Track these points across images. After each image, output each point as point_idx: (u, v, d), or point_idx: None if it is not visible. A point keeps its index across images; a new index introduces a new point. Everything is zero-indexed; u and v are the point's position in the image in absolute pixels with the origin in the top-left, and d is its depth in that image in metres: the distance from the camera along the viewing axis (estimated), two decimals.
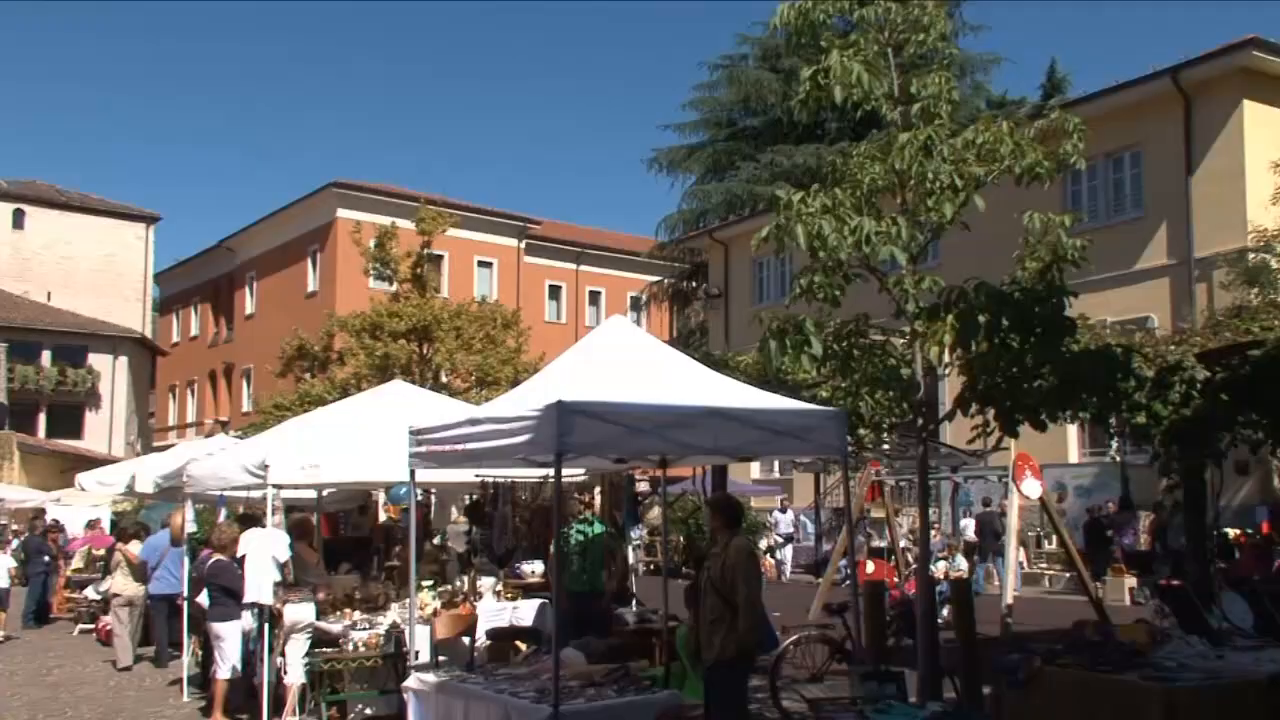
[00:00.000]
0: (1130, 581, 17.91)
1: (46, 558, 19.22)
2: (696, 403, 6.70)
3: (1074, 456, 22.19)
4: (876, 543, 18.41)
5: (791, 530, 24.24)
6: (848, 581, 17.77)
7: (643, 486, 15.58)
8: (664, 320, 42.07)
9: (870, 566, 14.12)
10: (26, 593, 18.99)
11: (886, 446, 11.31)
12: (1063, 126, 7.34)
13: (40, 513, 24.41)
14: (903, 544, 16.40)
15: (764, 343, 7.12)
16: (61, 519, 24.04)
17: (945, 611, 10.97)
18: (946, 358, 7.15)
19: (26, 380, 43.78)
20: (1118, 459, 19.59)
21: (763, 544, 23.06)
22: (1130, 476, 19.67)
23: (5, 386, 41.99)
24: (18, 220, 50.09)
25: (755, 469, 29.74)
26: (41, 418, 44.80)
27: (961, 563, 15.76)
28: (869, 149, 7.79)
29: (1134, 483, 19.60)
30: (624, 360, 7.28)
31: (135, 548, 14.64)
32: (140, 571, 14.06)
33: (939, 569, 14.25)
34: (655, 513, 20.01)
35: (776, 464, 28.49)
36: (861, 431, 8.13)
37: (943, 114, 7.49)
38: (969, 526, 19.54)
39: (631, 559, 11.81)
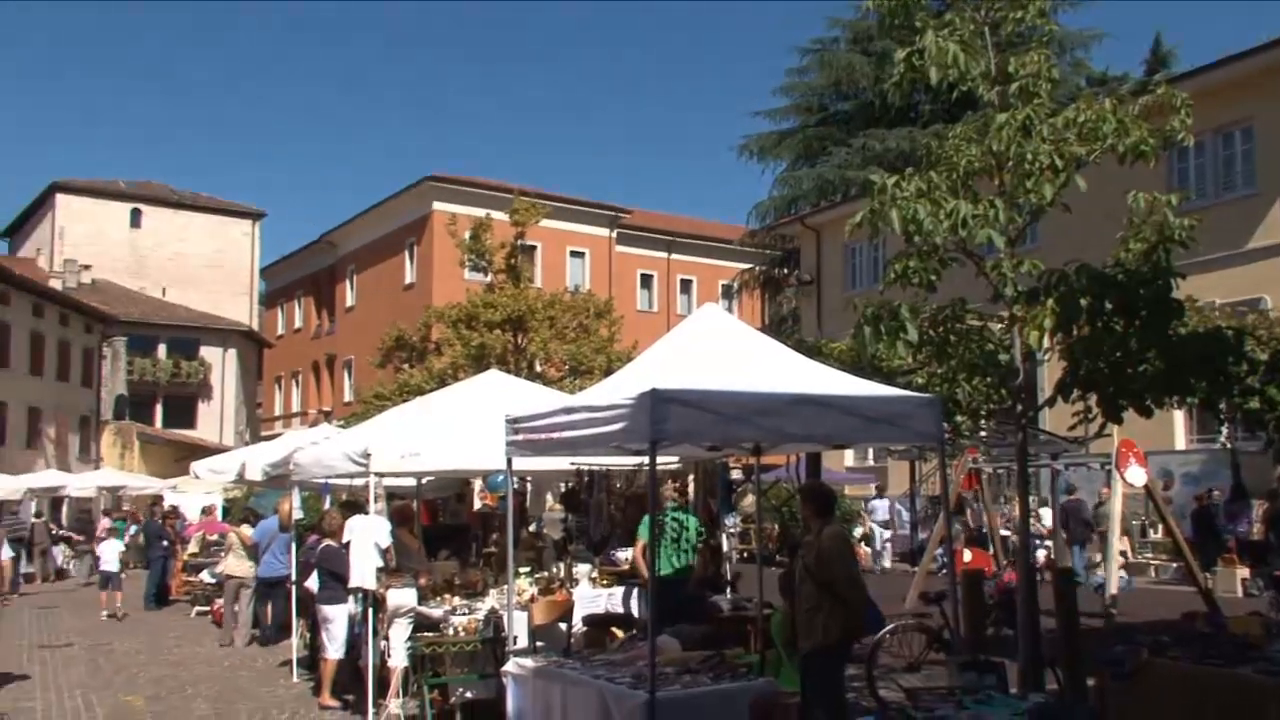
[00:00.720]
0: (1243, 572, 17.26)
1: (165, 542, 20.10)
2: (790, 390, 6.66)
3: (1181, 443, 21.45)
4: (974, 531, 18.06)
5: (888, 518, 23.87)
6: (944, 570, 17.51)
7: (736, 474, 15.57)
8: (755, 308, 41.86)
9: (968, 555, 13.87)
10: (147, 576, 19.92)
11: (984, 433, 11.09)
12: (1169, 102, 7.11)
13: (158, 499, 25.50)
14: (1002, 532, 16.07)
15: (858, 329, 7.05)
16: (177, 505, 25.07)
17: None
18: (1046, 342, 6.98)
19: (144, 372, 45.71)
20: (1228, 445, 18.86)
21: (857, 532, 22.80)
22: (1242, 463, 18.95)
23: (125, 378, 43.87)
24: (135, 220, 52.35)
25: (849, 456, 29.44)
26: (158, 408, 46.74)
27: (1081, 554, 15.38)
28: (965, 130, 7.65)
29: (1246, 470, 18.88)
30: (717, 348, 7.27)
31: (248, 531, 15.29)
32: (253, 553, 14.66)
33: (1039, 557, 13.95)
34: (749, 500, 19.96)
35: (870, 451, 28.16)
36: (958, 418, 8.00)
37: (1042, 93, 7.32)
38: (1045, 515, 18.98)
39: (725, 546, 11.81)
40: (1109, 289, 6.59)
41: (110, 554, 18.66)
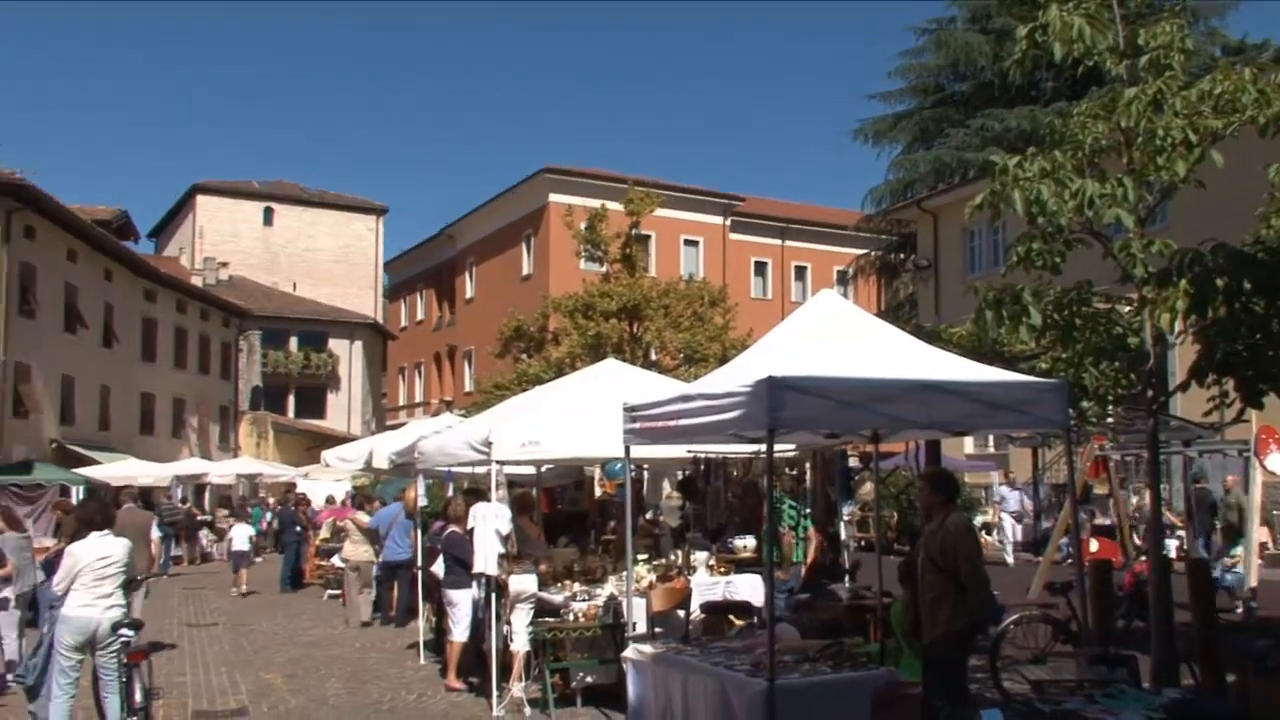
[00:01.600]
0: None
1: (298, 528, 20.95)
2: (909, 376, 6.57)
3: None
4: (1100, 520, 17.47)
5: (1019, 507, 22.87)
6: (1069, 560, 16.97)
7: (854, 462, 15.36)
8: (871, 293, 41.22)
9: (1094, 545, 13.44)
10: (282, 560, 20.80)
11: (1111, 420, 10.72)
12: None
13: (291, 486, 26.54)
14: (1130, 521, 15.51)
15: (979, 313, 6.91)
16: (310, 493, 26.07)
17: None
18: (1179, 325, 6.73)
19: (277, 365, 47.62)
20: None
21: (978, 520, 22.19)
22: None
23: (260, 370, 45.78)
24: (268, 218, 54.60)
25: (969, 444, 28.78)
26: (290, 399, 48.63)
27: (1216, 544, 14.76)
28: (1091, 107, 7.40)
29: None
30: (834, 334, 7.21)
31: (364, 518, 15.88)
32: (370, 539, 15.19)
33: (1171, 548, 13.42)
34: (868, 488, 19.68)
35: (991, 438, 27.47)
36: (1085, 404, 7.75)
37: (1175, 64, 7.03)
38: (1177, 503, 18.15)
39: (843, 535, 11.70)
40: (1248, 268, 6.30)
41: (241, 536, 20.12)
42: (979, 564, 6.48)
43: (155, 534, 13.41)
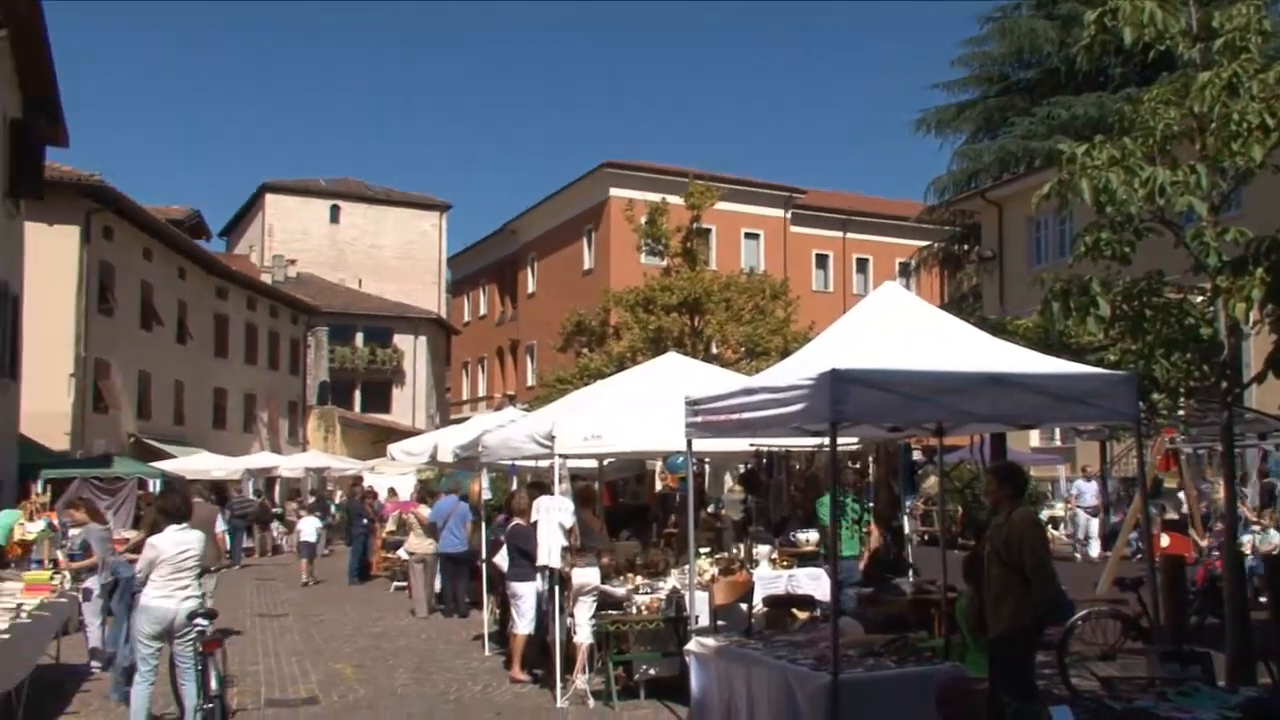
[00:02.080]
0: None
1: (365, 521, 21.31)
2: (974, 368, 6.50)
3: None
4: (1171, 515, 17.07)
5: (1096, 502, 22.06)
6: (1139, 555, 16.61)
7: (917, 455, 15.20)
8: (934, 285, 40.70)
9: (1165, 540, 13.14)
10: (350, 552, 21.19)
11: (1183, 412, 10.49)
12: None
13: (358, 480, 26.98)
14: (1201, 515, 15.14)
15: (1045, 305, 6.81)
16: (376, 486, 26.48)
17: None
18: (1254, 315, 6.55)
19: (344, 360, 48.42)
20: None
21: (1045, 514, 21.71)
22: None
23: (327, 365, 46.58)
24: (334, 215, 55.57)
25: (1035, 437, 28.33)
26: (357, 394, 49.41)
27: (1275, 536, 14.37)
28: (1163, 92, 7.24)
29: None
30: (898, 327, 7.15)
31: (424, 511, 16.16)
32: (430, 531, 15.45)
33: (1246, 542, 13.07)
34: (931, 482, 19.46)
35: (1058, 432, 27.02)
36: (1155, 397, 7.60)
37: (1251, 47, 6.85)
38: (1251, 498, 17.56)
39: (907, 529, 11.59)
40: None
41: (309, 528, 20.77)
42: (1045, 558, 6.39)
43: (220, 527, 13.80)
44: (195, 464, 26.98)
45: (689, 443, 8.12)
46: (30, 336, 21.26)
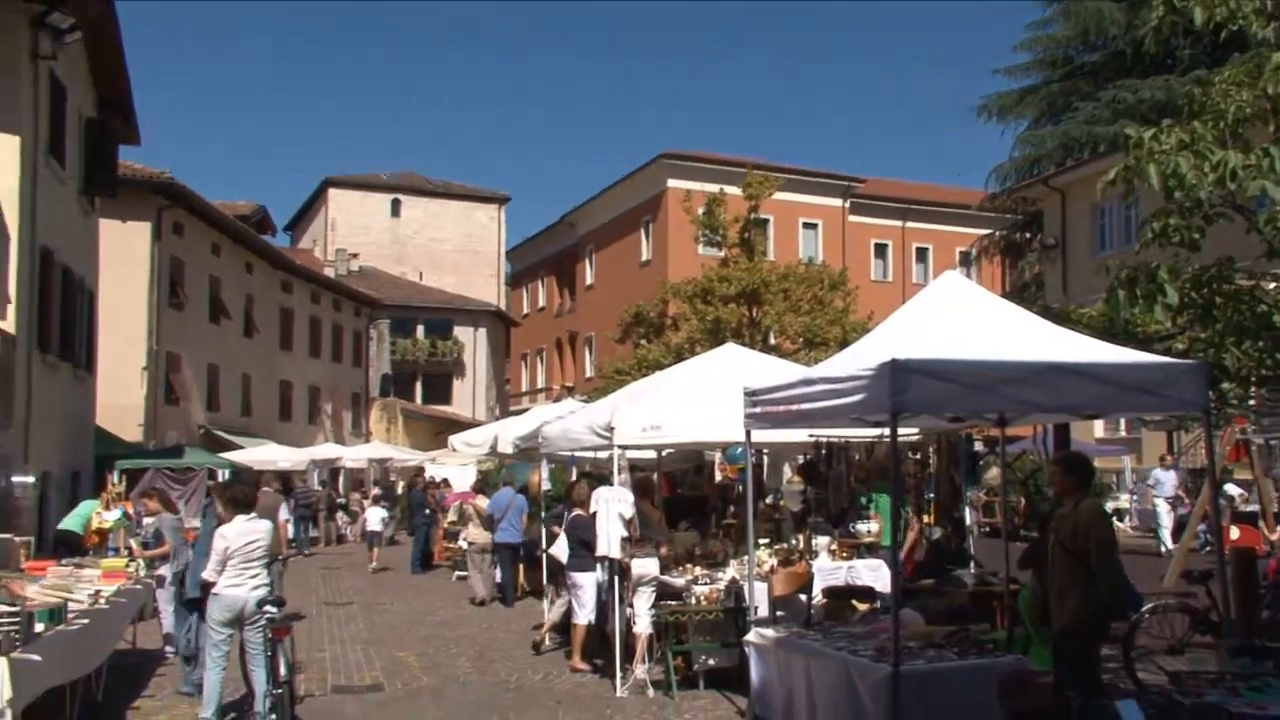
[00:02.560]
0: None
1: (427, 511, 21.62)
2: (1037, 358, 6.42)
3: None
4: (1241, 507, 16.64)
5: (1176, 493, 21.33)
6: (1207, 548, 16.22)
7: (979, 446, 14.97)
8: (995, 274, 40.06)
9: (1235, 532, 12.83)
10: (413, 542, 21.52)
11: (1254, 402, 10.23)
12: None
13: (420, 471, 27.33)
14: (1276, 508, 14.72)
15: (1111, 293, 6.69)
16: (437, 476, 26.81)
17: None
18: None
19: (405, 352, 49.02)
20: None
21: (1109, 506, 21.23)
22: None
23: (389, 358, 47.20)
24: (395, 209, 56.25)
25: (1099, 427, 27.82)
26: (418, 386, 50.00)
27: None
28: (1234, 74, 7.06)
29: None
30: (959, 316, 7.08)
31: (482, 502, 16.40)
32: (488, 522, 15.69)
33: None
34: (993, 473, 19.21)
35: (1123, 422, 26.51)
36: (1225, 386, 7.44)
37: None
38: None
39: (968, 520, 11.47)
40: None
41: (375, 517, 21.59)
42: (1112, 551, 6.29)
43: (284, 515, 14.13)
44: (262, 455, 27.53)
45: (748, 434, 8.12)
46: (105, 331, 21.88)
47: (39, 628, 6.56)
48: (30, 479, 14.90)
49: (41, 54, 15.85)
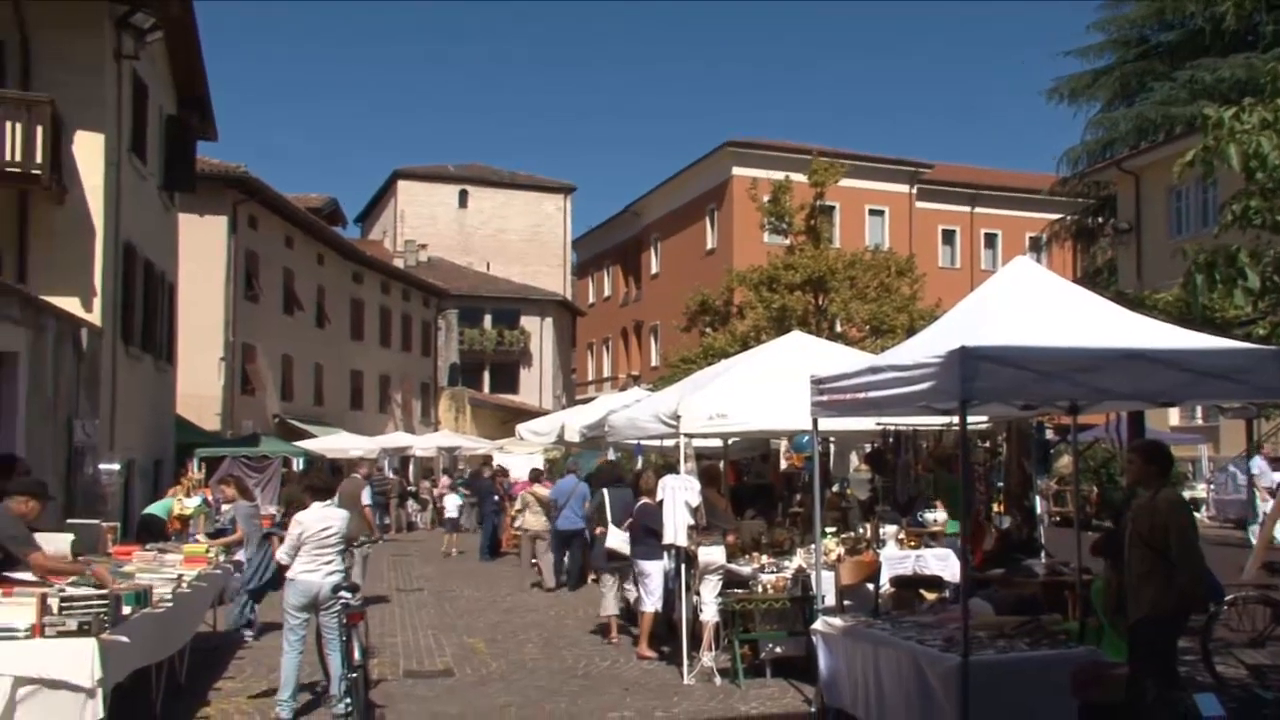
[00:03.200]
0: None
1: (495, 498, 21.90)
2: (1111, 344, 6.30)
3: None
4: None
5: (1272, 484, 20.54)
6: None
7: (1050, 434, 14.71)
8: (1067, 260, 39.24)
9: None
10: (481, 530, 21.81)
11: None
12: None
13: (488, 459, 27.66)
14: None
15: (1188, 277, 6.54)
16: (505, 465, 27.09)
17: None
18: None
19: (473, 342, 49.61)
20: None
21: (1186, 494, 20.69)
22: None
23: (457, 348, 47.79)
24: (463, 200, 56.90)
25: (1174, 415, 27.16)
26: (485, 375, 50.57)
27: None
28: None
29: None
30: (1029, 302, 6.96)
31: (542, 490, 16.62)
32: (548, 509, 15.88)
33: None
34: (1065, 461, 18.88)
35: (1200, 410, 25.86)
36: None
37: None
38: None
39: (1039, 509, 11.30)
40: None
41: (452, 505, 22.56)
42: (1192, 541, 6.16)
43: (367, 501, 14.46)
44: (334, 443, 28.08)
45: (815, 422, 8.09)
46: (184, 323, 22.51)
47: (126, 610, 6.78)
48: (116, 466, 15.41)
49: (125, 54, 16.34)
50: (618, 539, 11.55)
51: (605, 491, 12.30)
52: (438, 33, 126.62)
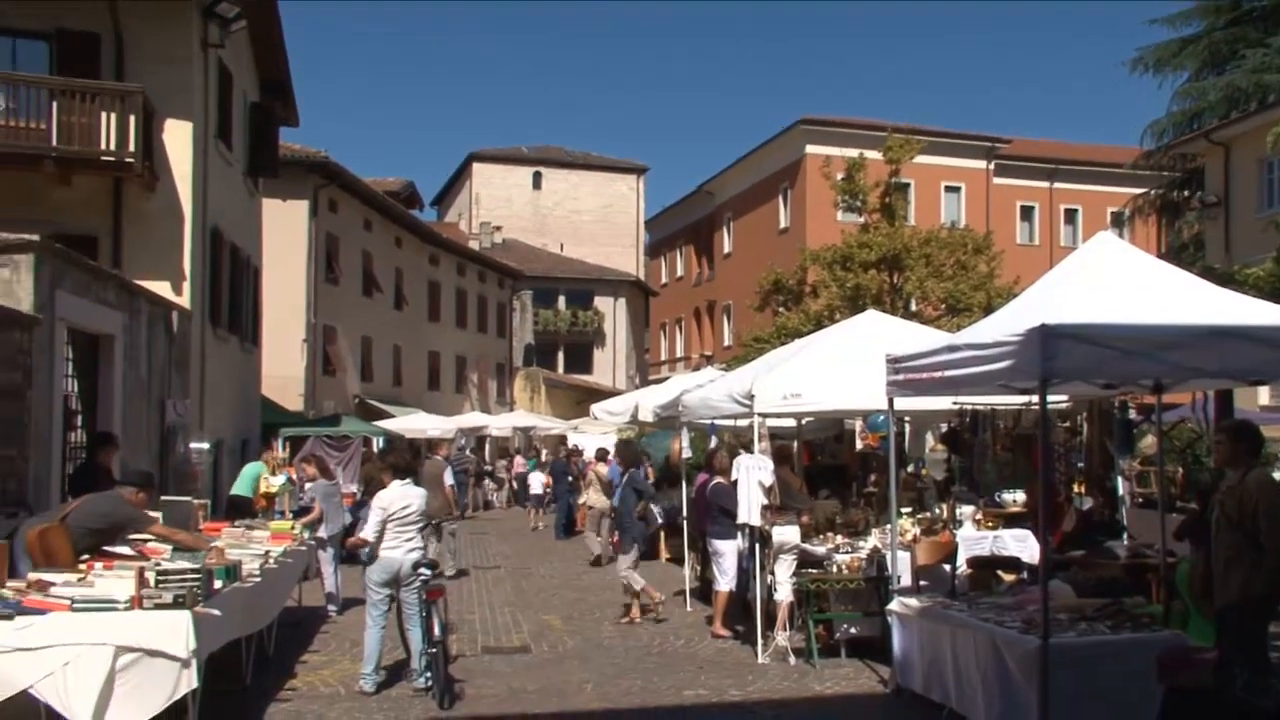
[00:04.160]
0: None
1: (570, 478, 22.11)
2: (1197, 321, 6.14)
3: None
4: None
5: None
6: None
7: (1133, 414, 14.32)
8: (1150, 235, 38.04)
9: None
10: (556, 509, 22.07)
11: None
12: None
13: (563, 439, 27.96)
14: None
15: None
16: (579, 444, 27.35)
17: None
18: None
19: (548, 323, 50.05)
20: None
21: (1277, 476, 20.13)
22: None
23: (532, 328, 48.25)
24: (536, 182, 57.35)
25: (1264, 394, 26.24)
26: (559, 355, 50.99)
27: None
28: None
29: None
30: (1113, 279, 6.82)
31: (603, 469, 16.74)
32: (608, 488, 16.02)
33: None
34: (1148, 441, 18.43)
35: None
36: None
37: None
38: None
39: (1121, 490, 11.07)
40: None
41: (536, 483, 24.04)
42: None
43: (449, 480, 14.74)
44: (413, 423, 28.56)
45: (890, 401, 8.04)
46: (268, 305, 23.07)
47: (217, 585, 7.03)
48: (205, 445, 15.91)
49: (210, 42, 16.78)
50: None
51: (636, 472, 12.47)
52: (510, 16, 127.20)
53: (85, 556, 7.10)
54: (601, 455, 18.33)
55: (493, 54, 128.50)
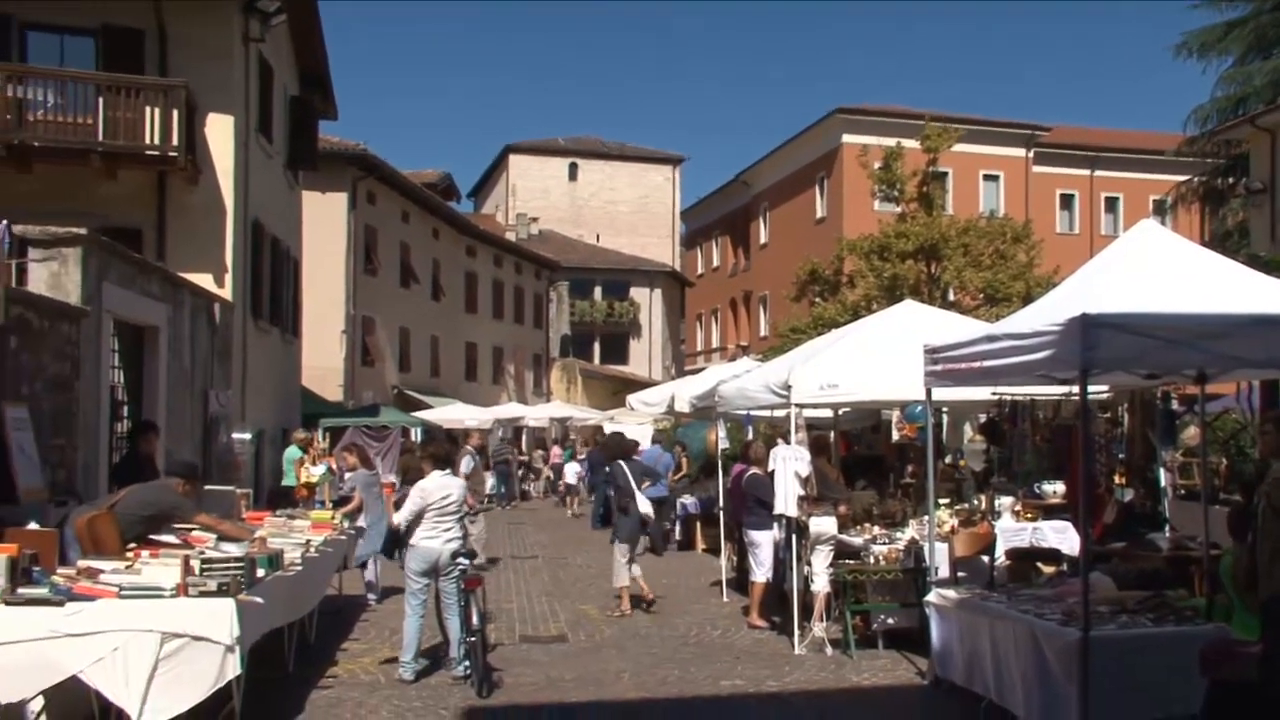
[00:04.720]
0: None
1: (606, 469, 22.16)
2: (1242, 309, 6.06)
3: None
4: None
5: None
6: None
7: (1175, 404, 14.13)
8: (1193, 223, 37.39)
9: None
10: (594, 499, 22.15)
11: None
12: None
13: (599, 430, 28.04)
14: None
15: None
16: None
17: None
18: None
19: (583, 314, 50.20)
20: None
21: None
22: None
23: (568, 319, 48.40)
24: (572, 173, 57.49)
25: None
26: (596, 346, 51.12)
27: None
28: None
29: None
30: (1155, 267, 6.73)
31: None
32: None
33: None
34: (1191, 432, 18.21)
35: None
36: None
37: None
38: None
39: (1163, 482, 10.94)
40: None
41: (571, 473, 24.77)
42: None
43: (464, 469, 14.83)
44: (450, 414, 28.77)
45: (928, 391, 8.00)
46: (308, 297, 23.32)
47: (260, 573, 7.14)
48: (248, 435, 16.13)
49: (251, 37, 16.99)
50: (647, 506, 11.73)
51: (623, 464, 12.12)
52: (546, 9, 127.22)
53: (132, 544, 7.23)
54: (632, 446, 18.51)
55: (529, 47, 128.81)
